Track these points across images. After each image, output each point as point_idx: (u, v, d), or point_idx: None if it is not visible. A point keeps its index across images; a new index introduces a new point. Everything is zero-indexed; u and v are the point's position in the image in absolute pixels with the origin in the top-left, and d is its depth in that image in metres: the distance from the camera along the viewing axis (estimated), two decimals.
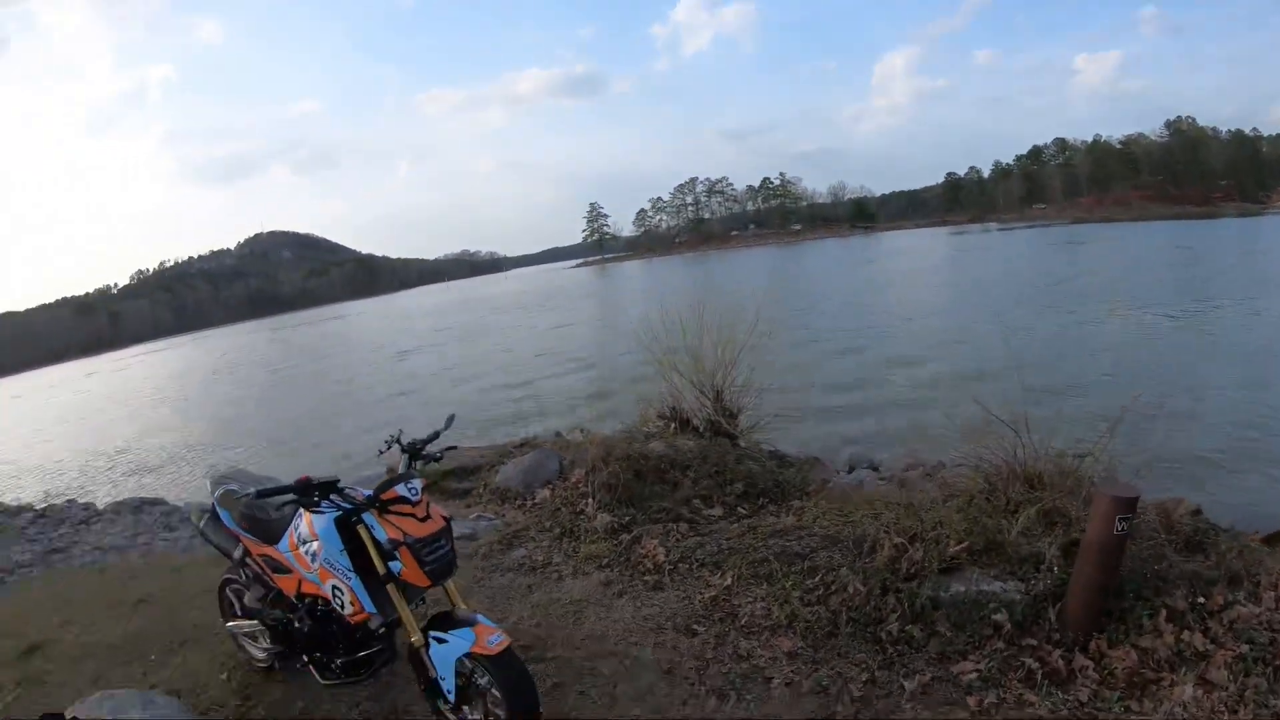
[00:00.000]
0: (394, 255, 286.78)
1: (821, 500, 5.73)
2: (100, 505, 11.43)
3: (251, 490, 3.46)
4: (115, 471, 20.55)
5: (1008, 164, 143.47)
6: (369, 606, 3.38)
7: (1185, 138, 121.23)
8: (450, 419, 4.01)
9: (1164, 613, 3.51)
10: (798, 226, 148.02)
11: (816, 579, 4.37)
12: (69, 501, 12.05)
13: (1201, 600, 3.59)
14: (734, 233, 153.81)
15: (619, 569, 5.21)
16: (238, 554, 4.06)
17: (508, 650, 3.26)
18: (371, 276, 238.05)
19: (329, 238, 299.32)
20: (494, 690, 3.31)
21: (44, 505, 11.61)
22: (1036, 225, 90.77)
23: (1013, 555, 4.00)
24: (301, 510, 3.57)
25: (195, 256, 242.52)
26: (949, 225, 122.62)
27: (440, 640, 3.30)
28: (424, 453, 3.78)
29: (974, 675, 3.45)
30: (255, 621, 4.14)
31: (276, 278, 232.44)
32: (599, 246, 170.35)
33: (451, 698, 3.36)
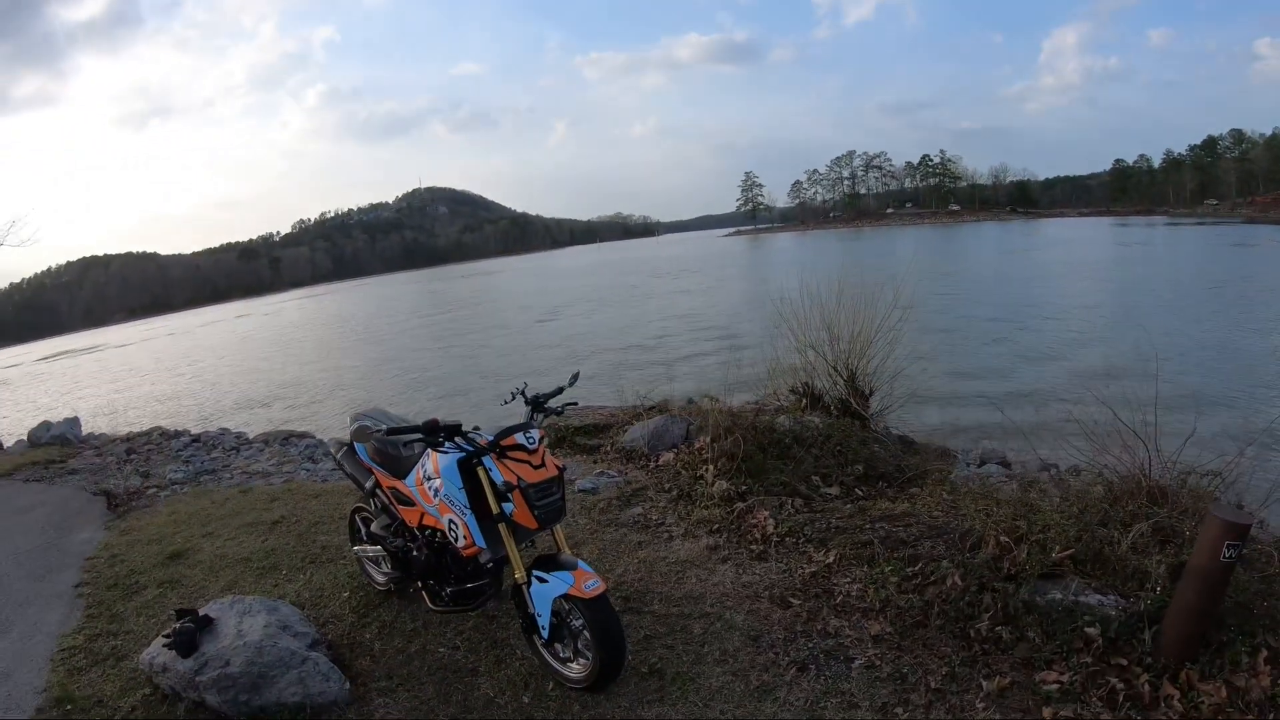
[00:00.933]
0: (547, 215, 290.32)
1: (938, 490, 5.71)
2: (250, 435, 12.37)
3: (383, 428, 3.92)
4: (269, 404, 22.00)
5: (1179, 154, 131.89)
6: (479, 542, 3.78)
7: None
8: (574, 376, 4.31)
9: (1265, 653, 3.30)
10: (956, 207, 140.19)
11: (916, 567, 4.39)
12: (222, 430, 13.11)
13: None
14: (889, 210, 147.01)
15: (727, 536, 5.42)
16: (369, 485, 4.57)
17: (602, 597, 3.59)
18: (524, 234, 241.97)
19: (484, 195, 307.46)
20: (585, 632, 3.65)
21: (200, 431, 12.66)
22: (1206, 222, 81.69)
23: (1118, 569, 3.88)
24: (429, 449, 3.98)
25: (354, 209, 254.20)
26: (1113, 216, 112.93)
27: (541, 580, 3.66)
28: (545, 406, 4.13)
29: (1055, 686, 3.39)
30: (379, 547, 4.66)
31: (432, 231, 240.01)
32: (752, 216, 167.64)
33: (545, 634, 3.75)
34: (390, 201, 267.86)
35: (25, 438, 12.64)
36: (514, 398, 4.16)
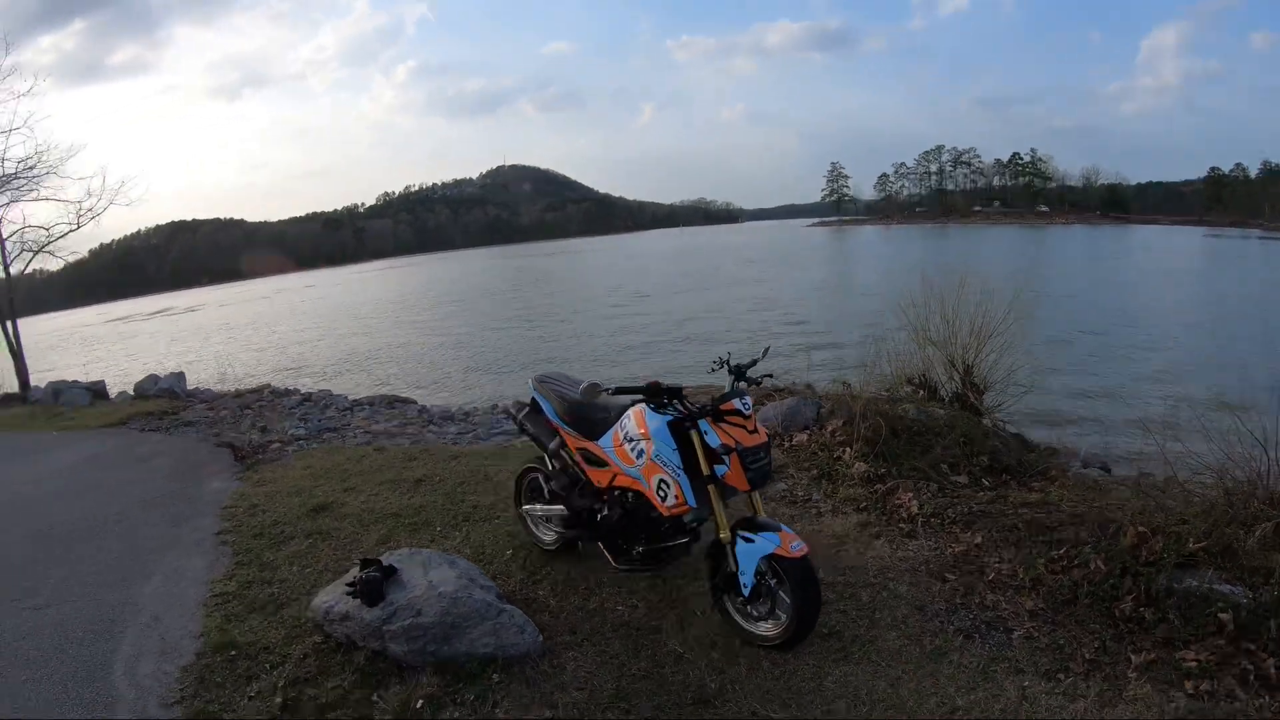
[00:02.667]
0: (630, 197, 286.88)
1: (1064, 486, 5.70)
2: (351, 398, 12.50)
3: (610, 386, 3.90)
4: (358, 369, 22.30)
5: (1278, 165, 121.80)
6: (691, 501, 3.77)
7: None
8: (766, 350, 4.29)
9: None
10: (1044, 209, 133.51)
11: (1061, 551, 4.42)
12: (324, 391, 13.19)
13: None
14: (977, 208, 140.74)
15: (874, 514, 5.40)
16: (553, 445, 4.52)
17: (806, 558, 3.60)
18: (607, 215, 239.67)
19: (568, 175, 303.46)
20: (782, 593, 3.67)
21: (309, 391, 12.81)
22: None
23: (1245, 564, 3.95)
24: (630, 411, 4.03)
25: (439, 183, 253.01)
26: (1206, 226, 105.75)
27: (747, 539, 3.65)
28: (747, 375, 4.10)
29: (1194, 664, 3.49)
30: (559, 507, 4.60)
31: (515, 209, 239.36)
32: (836, 207, 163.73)
33: (746, 592, 3.70)
34: (474, 178, 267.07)
35: (130, 390, 12.91)
36: (720, 366, 4.14)
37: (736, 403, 3.73)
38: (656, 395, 3.86)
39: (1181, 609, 3.78)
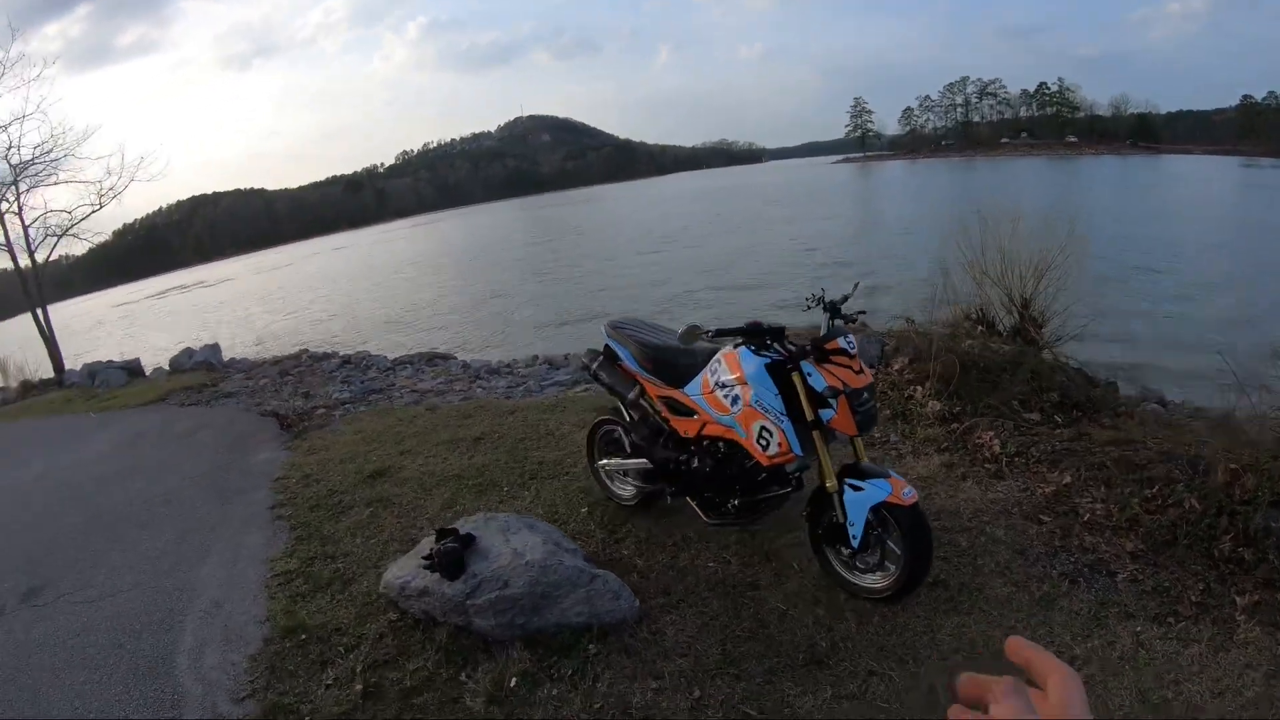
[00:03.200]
0: (651, 141, 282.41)
1: (1141, 422, 5.47)
2: (391, 357, 12.30)
3: (710, 328, 3.57)
4: (393, 328, 22.14)
5: None
6: (797, 449, 3.49)
7: None
8: (857, 285, 4.02)
9: None
10: (1073, 139, 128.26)
11: (1153, 490, 4.25)
12: (362, 352, 12.99)
13: None
14: (1004, 140, 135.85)
15: (957, 454, 5.16)
16: (632, 395, 4.22)
17: (918, 505, 3.35)
18: (628, 161, 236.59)
19: (587, 122, 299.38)
20: (892, 542, 3.45)
21: (348, 353, 12.62)
22: None
23: None
24: (720, 355, 3.74)
25: (457, 139, 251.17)
26: (1240, 155, 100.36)
27: (856, 488, 3.39)
28: (842, 312, 3.77)
29: None
30: (637, 460, 4.35)
31: (535, 159, 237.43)
32: (861, 143, 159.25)
33: (856, 543, 3.45)
34: (493, 130, 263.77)
35: (165, 365, 12.78)
36: (814, 304, 3.79)
37: (841, 341, 3.42)
38: (758, 336, 3.53)
39: None
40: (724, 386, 3.68)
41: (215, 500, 5.78)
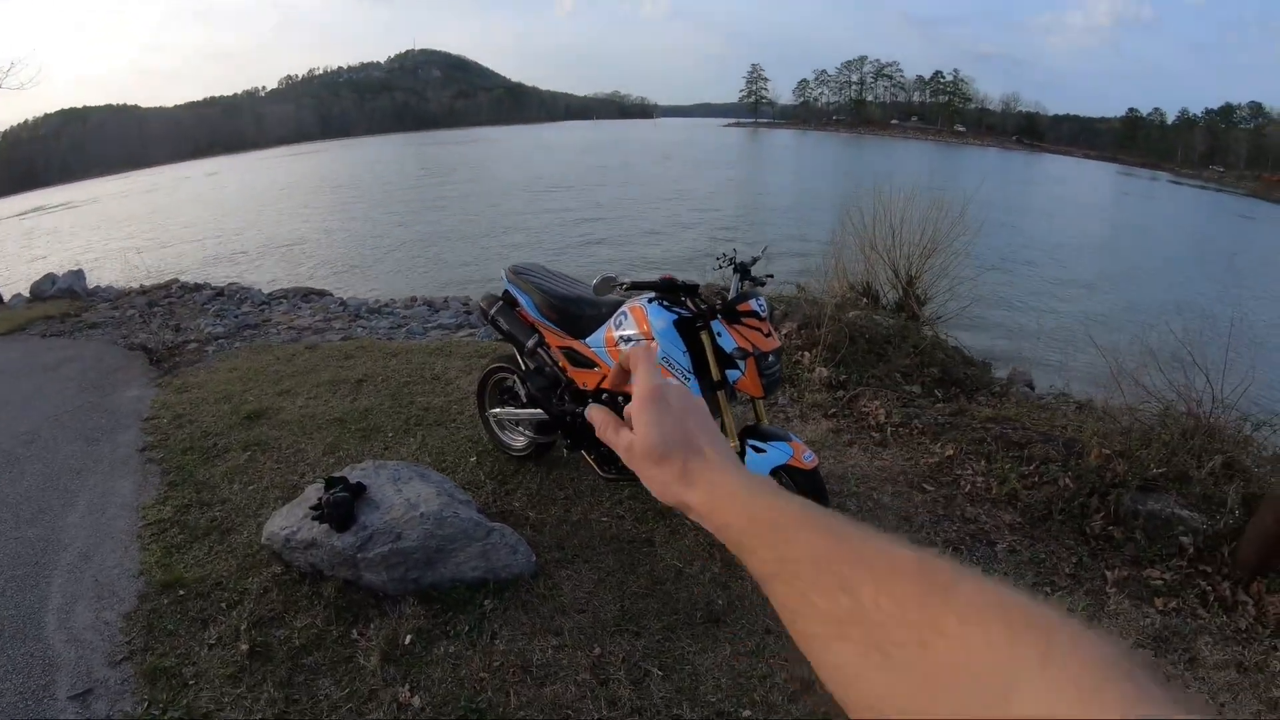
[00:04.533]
0: (543, 87, 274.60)
1: (1017, 403, 5.77)
2: (265, 291, 11.70)
3: (625, 280, 3.43)
4: (267, 259, 21.08)
5: (1194, 115, 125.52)
6: None
7: None
8: (765, 248, 3.98)
9: None
10: (961, 128, 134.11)
11: (1031, 468, 4.50)
12: (236, 284, 12.30)
13: None
14: (894, 121, 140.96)
15: (844, 421, 5.26)
16: (530, 343, 4.03)
17: (817, 469, 3.36)
18: (518, 105, 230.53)
19: (481, 61, 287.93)
20: None
21: (220, 285, 11.92)
22: (1209, 187, 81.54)
23: (1199, 493, 4.12)
24: (627, 307, 3.62)
25: (344, 67, 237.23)
26: (1118, 164, 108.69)
27: (758, 449, 3.35)
28: (752, 274, 3.71)
29: (1160, 582, 3.71)
30: (532, 411, 4.19)
31: (424, 95, 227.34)
32: (754, 109, 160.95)
33: None
34: (382, 61, 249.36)
35: (25, 292, 11.84)
36: (724, 264, 3.72)
37: (753, 303, 3.39)
38: (672, 291, 3.44)
39: (1146, 530, 3.97)
40: (629, 340, 3.57)
41: (81, 441, 5.23)
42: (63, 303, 10.33)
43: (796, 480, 3.33)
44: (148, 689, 2.84)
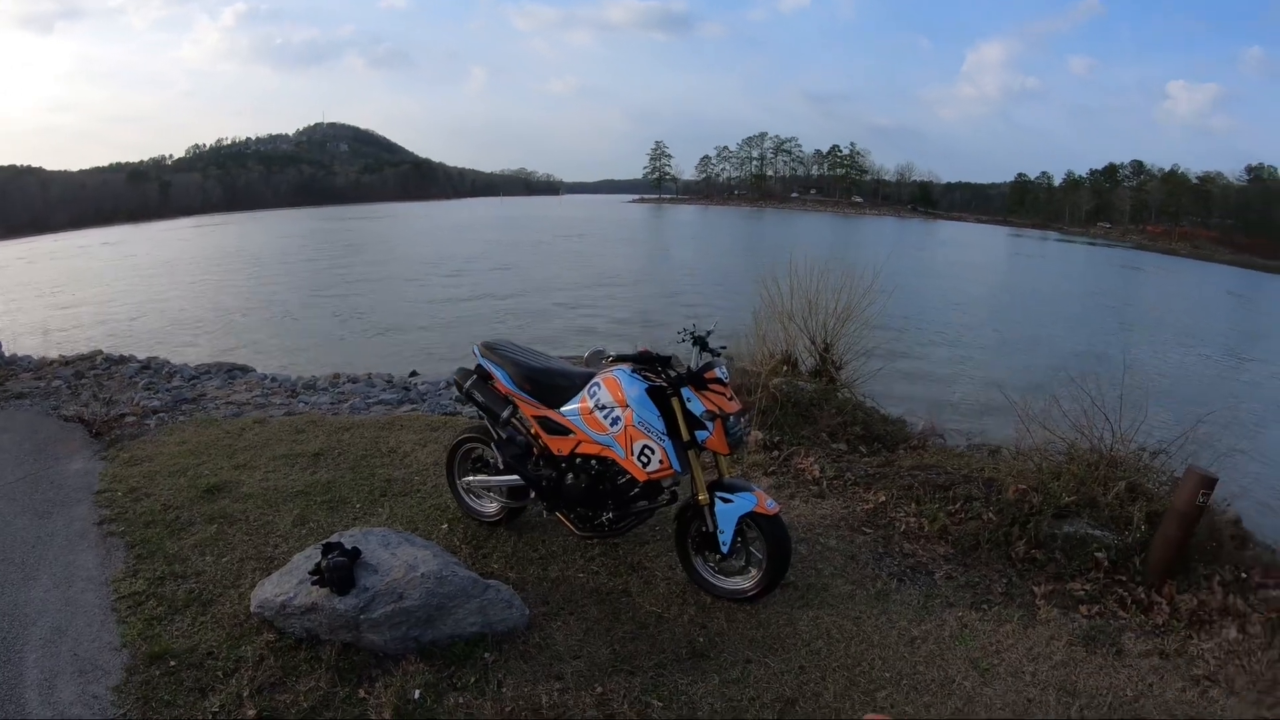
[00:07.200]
0: (450, 162, 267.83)
1: (936, 452, 6.29)
2: (191, 365, 11.44)
3: (611, 352, 3.93)
4: (182, 334, 20.41)
5: (1080, 176, 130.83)
6: (677, 466, 3.77)
7: (1264, 186, 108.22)
8: (716, 322, 4.31)
9: (1217, 577, 4.18)
10: (858, 200, 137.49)
11: (956, 506, 4.97)
12: (159, 358, 11.92)
13: (1244, 576, 4.22)
14: (794, 195, 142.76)
15: (783, 478, 5.66)
16: (505, 414, 4.27)
17: (779, 515, 3.77)
18: (425, 180, 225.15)
19: (389, 136, 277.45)
20: (754, 549, 3.86)
21: (144, 358, 11.58)
22: (1098, 243, 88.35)
23: (1107, 515, 4.60)
24: (599, 378, 3.94)
25: (252, 138, 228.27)
26: (1010, 226, 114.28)
27: (726, 500, 3.75)
28: (709, 345, 4.07)
29: (1082, 592, 4.20)
30: (509, 477, 4.37)
31: (330, 168, 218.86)
32: (658, 185, 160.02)
33: (726, 549, 3.81)
34: (291, 134, 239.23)
35: None
36: (685, 338, 4.12)
37: (718, 371, 3.82)
38: (650, 362, 3.85)
39: (1065, 550, 4.46)
40: (604, 408, 3.87)
41: (30, 515, 4.97)
42: None
43: (761, 526, 3.73)
44: None
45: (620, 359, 3.92)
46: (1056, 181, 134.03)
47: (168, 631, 3.59)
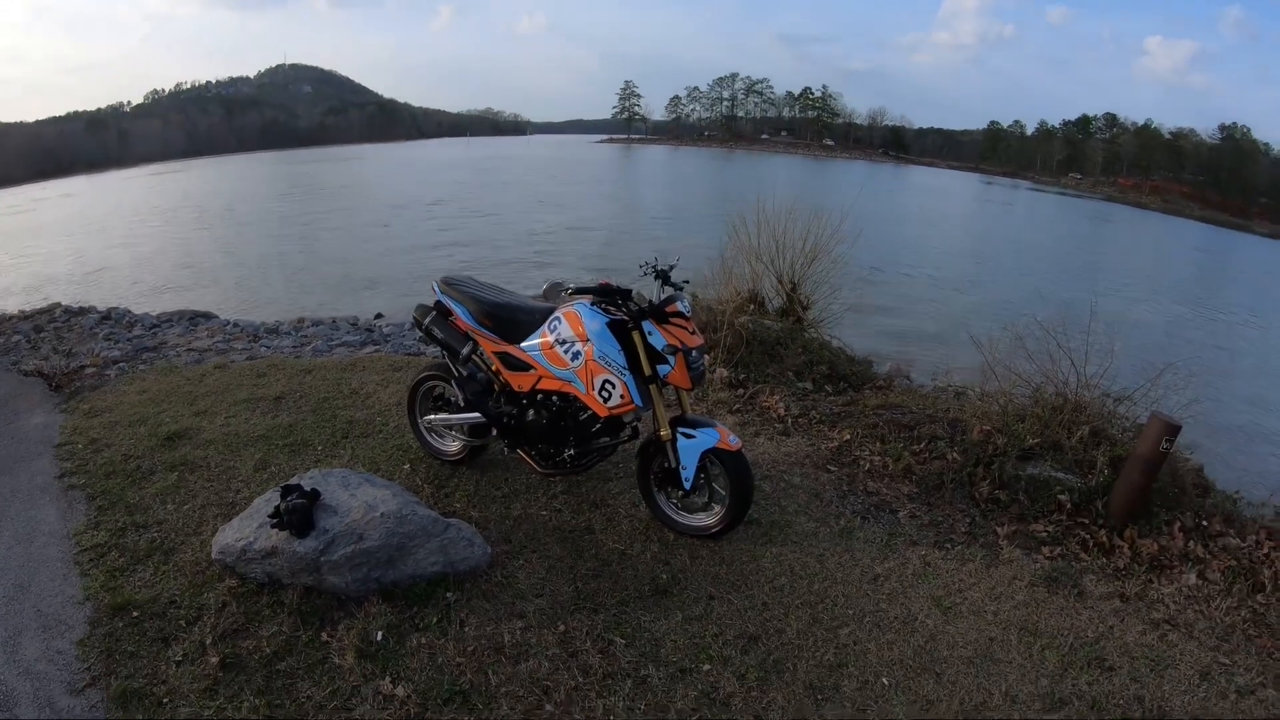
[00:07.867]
0: (415, 103, 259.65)
1: (901, 393, 6.22)
2: (153, 314, 11.23)
3: (570, 285, 3.79)
4: (145, 283, 20.01)
5: (1053, 126, 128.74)
6: (638, 401, 3.70)
7: (1236, 145, 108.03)
8: (678, 258, 4.18)
9: (1178, 523, 4.26)
10: (830, 143, 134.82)
11: (921, 446, 4.97)
12: (120, 308, 11.70)
13: (1204, 524, 4.30)
14: (764, 136, 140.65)
15: (748, 415, 5.62)
16: (466, 350, 4.17)
17: (741, 451, 3.73)
18: (390, 122, 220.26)
19: (352, 77, 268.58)
20: (717, 485, 3.83)
21: (105, 309, 11.35)
22: (1067, 194, 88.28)
23: (1071, 458, 4.62)
24: (560, 313, 3.84)
25: (213, 81, 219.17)
26: (981, 173, 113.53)
27: (688, 435, 3.70)
28: (672, 279, 3.98)
29: (1044, 534, 4.24)
30: (470, 415, 4.29)
31: (294, 111, 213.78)
32: (627, 125, 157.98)
33: (688, 486, 3.77)
34: (252, 76, 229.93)
35: None
36: (647, 271, 3.99)
37: (680, 305, 3.72)
38: (610, 295, 3.73)
39: (1028, 491, 4.50)
40: (564, 343, 3.78)
41: None
42: None
43: (724, 461, 3.70)
44: (120, 712, 2.78)
45: (580, 291, 3.80)
46: (1029, 130, 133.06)
47: (130, 582, 3.54)
